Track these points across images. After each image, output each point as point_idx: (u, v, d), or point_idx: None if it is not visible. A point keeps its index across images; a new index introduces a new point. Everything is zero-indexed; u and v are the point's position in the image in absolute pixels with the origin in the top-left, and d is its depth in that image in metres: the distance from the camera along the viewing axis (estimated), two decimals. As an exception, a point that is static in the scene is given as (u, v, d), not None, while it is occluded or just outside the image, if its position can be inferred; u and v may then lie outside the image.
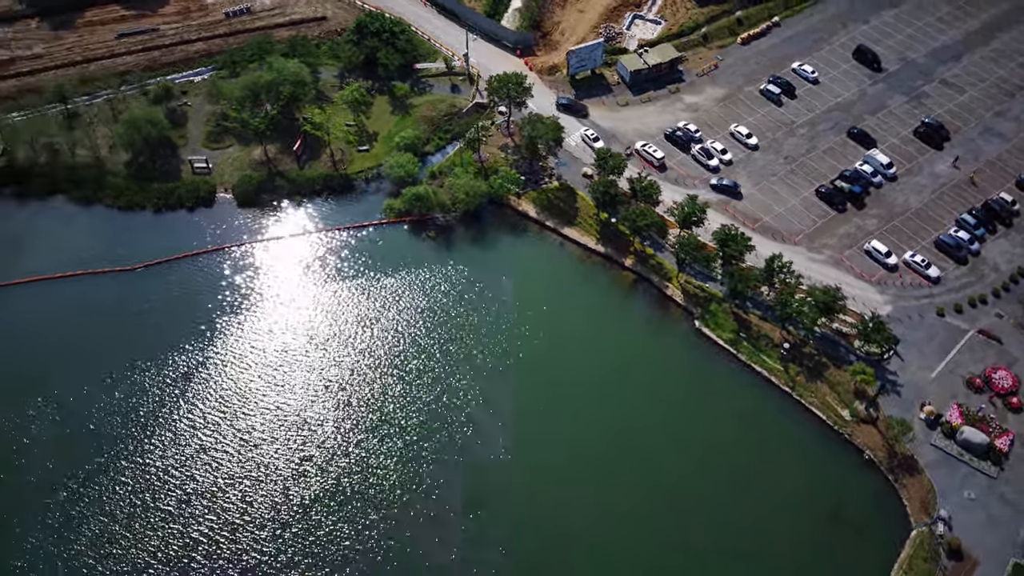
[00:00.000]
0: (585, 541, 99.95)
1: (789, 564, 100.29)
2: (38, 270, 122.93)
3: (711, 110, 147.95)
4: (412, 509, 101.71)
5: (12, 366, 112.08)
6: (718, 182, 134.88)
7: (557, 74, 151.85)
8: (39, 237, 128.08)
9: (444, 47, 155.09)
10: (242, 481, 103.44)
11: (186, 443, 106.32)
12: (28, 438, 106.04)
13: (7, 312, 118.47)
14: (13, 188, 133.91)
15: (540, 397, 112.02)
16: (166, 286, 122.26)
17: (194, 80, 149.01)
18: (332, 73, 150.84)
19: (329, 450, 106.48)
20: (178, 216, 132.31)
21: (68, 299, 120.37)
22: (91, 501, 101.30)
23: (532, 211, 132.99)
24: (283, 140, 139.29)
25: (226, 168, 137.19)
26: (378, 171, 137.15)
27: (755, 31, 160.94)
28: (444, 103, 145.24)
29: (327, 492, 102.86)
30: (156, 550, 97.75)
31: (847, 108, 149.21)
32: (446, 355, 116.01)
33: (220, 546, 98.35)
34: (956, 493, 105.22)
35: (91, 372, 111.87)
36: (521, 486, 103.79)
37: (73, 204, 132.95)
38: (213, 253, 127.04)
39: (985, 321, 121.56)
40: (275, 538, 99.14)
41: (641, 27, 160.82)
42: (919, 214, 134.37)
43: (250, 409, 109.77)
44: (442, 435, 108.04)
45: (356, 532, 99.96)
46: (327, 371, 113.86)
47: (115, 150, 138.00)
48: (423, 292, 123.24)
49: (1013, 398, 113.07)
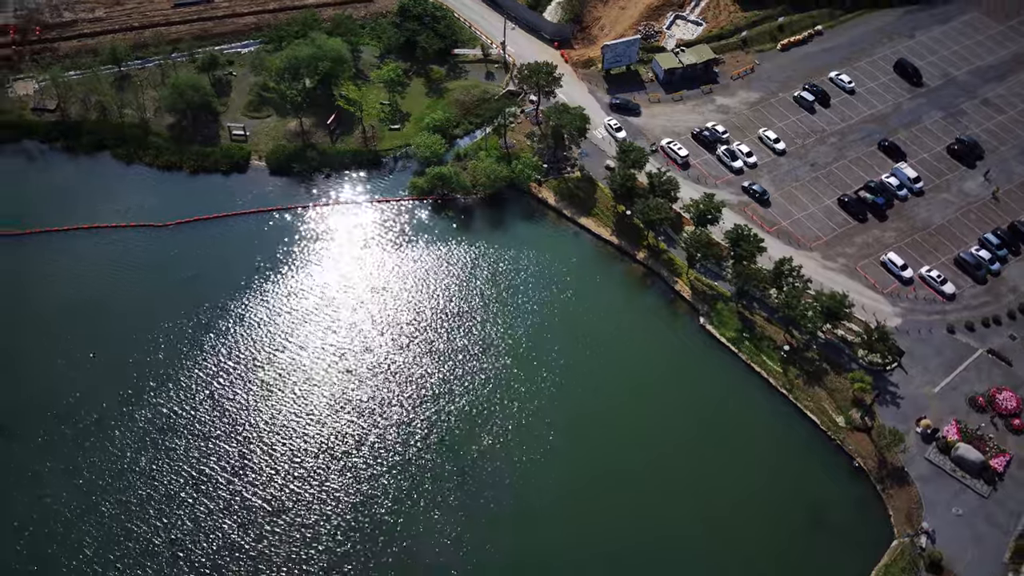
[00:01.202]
0: (562, 524, 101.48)
1: (768, 563, 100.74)
2: (78, 219, 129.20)
3: (742, 113, 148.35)
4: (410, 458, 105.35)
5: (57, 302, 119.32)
6: (749, 185, 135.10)
7: (592, 68, 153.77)
8: (82, 189, 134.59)
9: (483, 34, 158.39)
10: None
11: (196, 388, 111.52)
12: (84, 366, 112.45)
13: (52, 254, 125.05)
14: (63, 142, 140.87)
15: (531, 381, 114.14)
16: (195, 243, 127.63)
17: (241, 52, 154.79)
18: (374, 54, 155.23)
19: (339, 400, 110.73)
20: (212, 179, 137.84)
21: (103, 248, 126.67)
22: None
23: (551, 199, 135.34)
24: (319, 114, 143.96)
25: (262, 137, 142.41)
26: (406, 150, 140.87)
27: (796, 38, 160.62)
28: (477, 89, 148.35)
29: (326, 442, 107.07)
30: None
31: (881, 120, 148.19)
32: (448, 330, 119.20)
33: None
34: (944, 508, 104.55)
35: (122, 317, 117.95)
36: (500, 455, 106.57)
37: (116, 160, 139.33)
38: (241, 216, 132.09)
39: (997, 342, 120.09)
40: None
41: (681, 27, 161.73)
42: (942, 230, 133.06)
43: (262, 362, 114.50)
44: (441, 395, 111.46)
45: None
46: (337, 330, 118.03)
47: (160, 113, 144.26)
48: (434, 268, 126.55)
49: (1015, 420, 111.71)
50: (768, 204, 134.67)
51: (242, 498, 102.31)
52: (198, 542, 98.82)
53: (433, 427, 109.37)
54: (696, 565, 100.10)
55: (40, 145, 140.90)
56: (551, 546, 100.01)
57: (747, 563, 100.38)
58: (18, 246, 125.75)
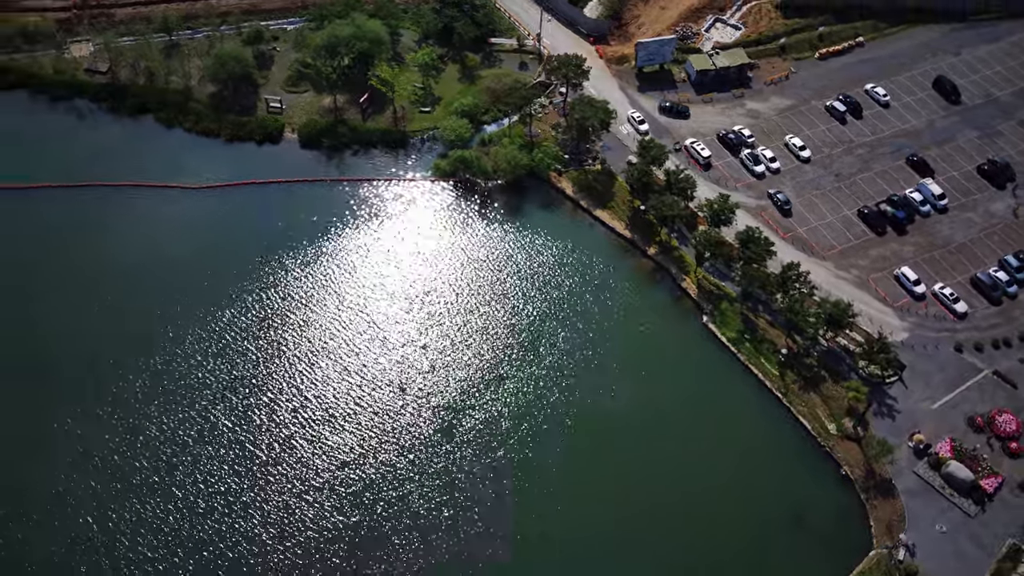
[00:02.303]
0: (551, 511, 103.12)
1: (744, 560, 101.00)
2: (112, 176, 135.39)
3: (771, 119, 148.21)
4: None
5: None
6: (774, 193, 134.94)
7: (625, 65, 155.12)
8: (123, 147, 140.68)
9: (521, 25, 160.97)
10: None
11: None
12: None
13: (82, 207, 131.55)
14: (110, 103, 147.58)
15: (525, 364, 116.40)
16: (224, 207, 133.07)
17: (287, 28, 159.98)
18: (413, 38, 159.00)
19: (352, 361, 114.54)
20: (245, 147, 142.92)
21: (136, 205, 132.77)
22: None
23: (569, 189, 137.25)
24: (353, 92, 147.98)
25: (297, 111, 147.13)
26: (434, 132, 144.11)
27: (836, 48, 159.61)
28: (509, 78, 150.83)
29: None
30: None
31: (913, 135, 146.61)
32: (448, 307, 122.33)
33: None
34: (928, 524, 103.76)
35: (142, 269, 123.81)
36: (492, 432, 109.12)
37: (157, 123, 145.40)
38: (269, 185, 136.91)
39: (1005, 364, 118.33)
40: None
41: (720, 31, 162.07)
42: (962, 249, 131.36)
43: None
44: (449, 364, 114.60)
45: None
46: (346, 298, 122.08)
47: (203, 82, 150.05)
48: (442, 246, 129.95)
49: (1013, 443, 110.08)
50: (789, 214, 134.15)
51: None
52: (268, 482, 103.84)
53: (431, 397, 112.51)
54: (674, 556, 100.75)
55: (89, 104, 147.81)
56: (527, 529, 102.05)
57: (724, 558, 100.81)
58: (60, 196, 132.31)
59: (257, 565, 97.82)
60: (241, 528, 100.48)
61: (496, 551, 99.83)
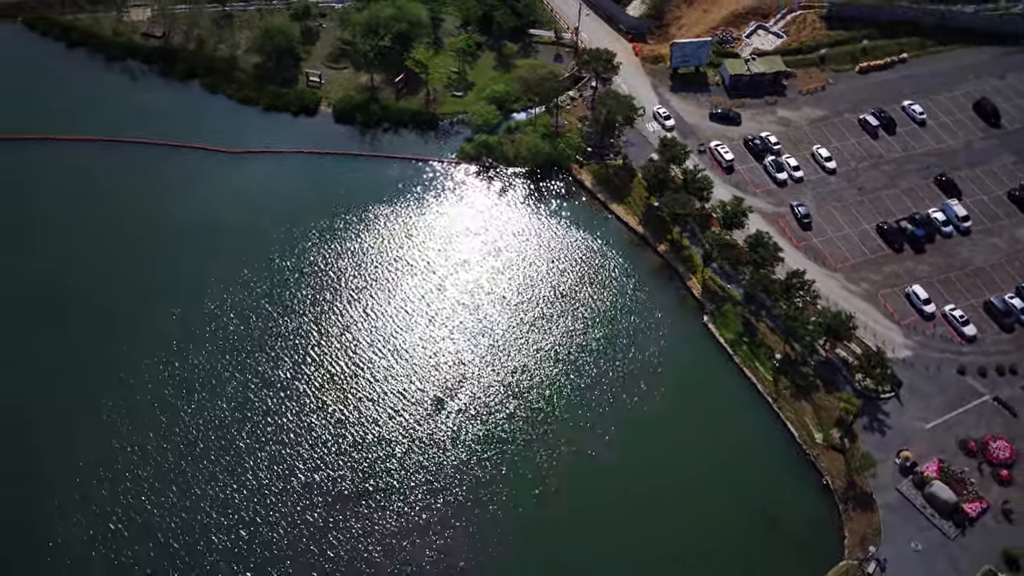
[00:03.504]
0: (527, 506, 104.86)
1: (713, 561, 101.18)
2: (157, 136, 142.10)
3: (801, 128, 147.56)
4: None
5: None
6: (796, 205, 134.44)
7: (660, 64, 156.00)
8: (168, 108, 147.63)
9: (562, 18, 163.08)
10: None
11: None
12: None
13: (127, 163, 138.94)
14: (161, 66, 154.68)
15: (517, 349, 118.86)
16: (258, 173, 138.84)
17: (335, 7, 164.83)
18: (455, 23, 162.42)
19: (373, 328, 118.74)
20: (281, 117, 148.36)
21: (175, 163, 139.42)
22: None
23: (588, 181, 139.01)
24: (391, 72, 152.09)
25: (335, 86, 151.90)
26: (462, 116, 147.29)
27: (877, 62, 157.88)
28: (544, 69, 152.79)
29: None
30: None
31: (946, 156, 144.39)
32: (448, 286, 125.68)
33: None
34: (904, 541, 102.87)
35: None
36: (478, 419, 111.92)
37: (203, 88, 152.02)
38: (298, 155, 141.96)
39: (1007, 391, 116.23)
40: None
41: (761, 37, 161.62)
42: (979, 273, 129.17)
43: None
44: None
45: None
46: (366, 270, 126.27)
47: (249, 52, 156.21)
48: (453, 225, 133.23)
49: (1004, 470, 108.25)
50: (809, 227, 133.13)
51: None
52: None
53: (426, 382, 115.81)
54: (644, 550, 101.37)
55: (141, 65, 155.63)
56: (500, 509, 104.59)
57: (695, 555, 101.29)
58: (107, 151, 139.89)
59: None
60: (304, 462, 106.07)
61: (466, 527, 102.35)
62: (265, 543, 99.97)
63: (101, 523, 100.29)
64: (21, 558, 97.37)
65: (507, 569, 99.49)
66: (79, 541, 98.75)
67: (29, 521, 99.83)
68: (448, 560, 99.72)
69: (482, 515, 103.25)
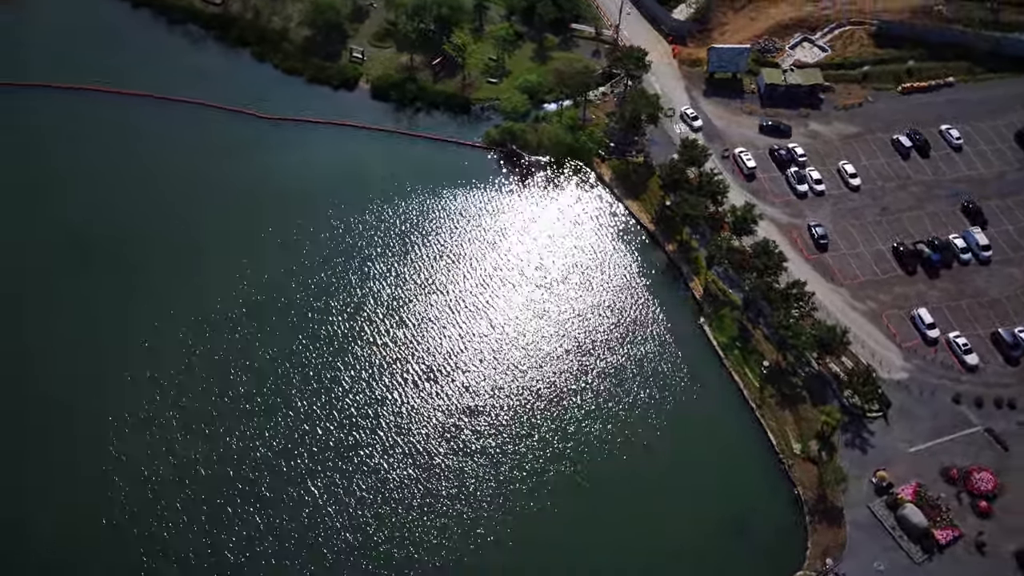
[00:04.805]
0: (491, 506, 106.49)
1: (676, 560, 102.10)
2: (203, 97, 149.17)
3: (831, 142, 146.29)
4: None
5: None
6: (813, 225, 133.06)
7: (697, 68, 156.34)
8: (218, 71, 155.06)
9: (605, 15, 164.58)
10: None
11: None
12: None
13: (173, 120, 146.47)
14: (217, 32, 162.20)
15: (509, 337, 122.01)
16: (290, 139, 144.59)
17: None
18: (500, 12, 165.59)
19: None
20: (322, 90, 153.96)
21: (216, 125, 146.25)
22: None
23: (607, 176, 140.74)
24: (431, 55, 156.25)
25: (376, 64, 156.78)
26: (494, 103, 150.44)
27: (921, 84, 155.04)
28: (580, 63, 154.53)
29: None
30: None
31: (977, 183, 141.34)
32: (447, 270, 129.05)
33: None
34: (867, 559, 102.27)
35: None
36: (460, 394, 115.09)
37: (252, 57, 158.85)
38: (331, 126, 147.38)
39: (1001, 425, 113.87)
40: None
41: (806, 50, 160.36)
42: (993, 303, 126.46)
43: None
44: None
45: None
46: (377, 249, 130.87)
47: (300, 25, 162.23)
48: (462, 207, 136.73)
49: (983, 502, 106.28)
50: (825, 249, 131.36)
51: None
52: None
53: (423, 361, 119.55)
54: (609, 547, 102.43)
55: (199, 30, 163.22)
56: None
57: (659, 552, 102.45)
58: (152, 106, 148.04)
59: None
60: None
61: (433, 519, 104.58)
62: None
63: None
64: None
65: (479, 568, 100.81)
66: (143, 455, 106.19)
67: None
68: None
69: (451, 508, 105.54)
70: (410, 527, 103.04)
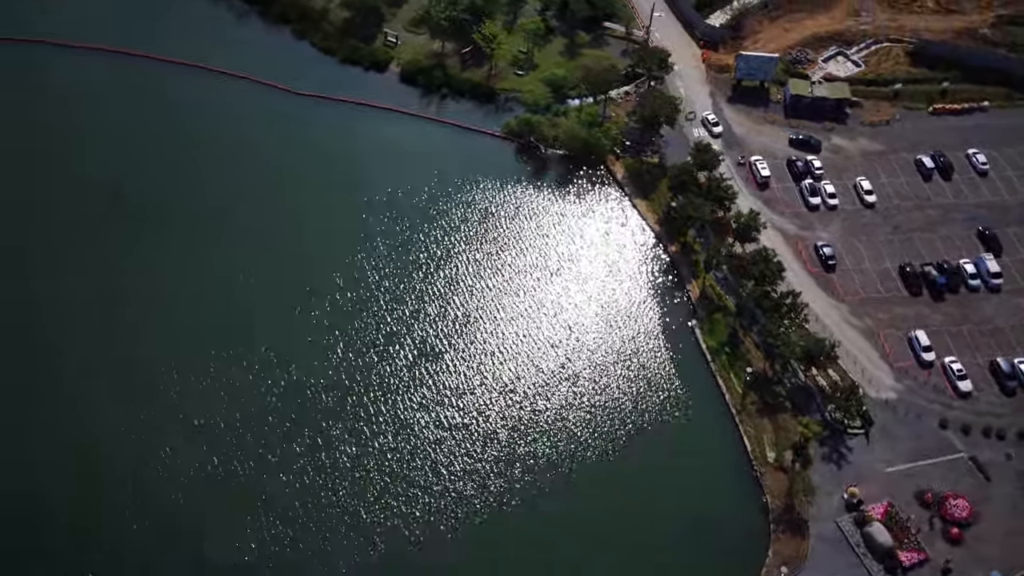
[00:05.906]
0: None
1: (634, 558, 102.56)
2: (239, 69, 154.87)
3: (852, 157, 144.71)
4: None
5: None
6: (822, 245, 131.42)
7: (725, 75, 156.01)
8: (256, 45, 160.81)
9: (638, 15, 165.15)
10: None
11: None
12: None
13: (210, 91, 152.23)
14: (261, 7, 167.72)
15: (504, 332, 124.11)
16: (320, 116, 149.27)
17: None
18: (536, 7, 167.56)
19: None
20: (353, 70, 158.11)
21: (250, 98, 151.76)
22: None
23: (620, 173, 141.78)
24: (462, 43, 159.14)
25: (407, 49, 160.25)
26: (517, 95, 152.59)
27: (953, 106, 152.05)
28: (608, 61, 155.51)
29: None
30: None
31: (999, 210, 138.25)
32: (446, 259, 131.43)
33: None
34: (828, 572, 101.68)
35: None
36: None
37: (290, 34, 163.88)
38: (356, 106, 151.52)
39: (987, 454, 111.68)
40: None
41: (839, 64, 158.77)
42: (995, 332, 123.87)
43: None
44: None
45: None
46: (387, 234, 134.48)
47: (341, 7, 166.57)
48: (472, 197, 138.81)
49: (955, 529, 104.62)
50: (832, 270, 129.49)
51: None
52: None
53: (421, 343, 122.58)
54: (568, 543, 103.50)
55: (243, 5, 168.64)
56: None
57: (618, 550, 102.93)
58: (189, 76, 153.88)
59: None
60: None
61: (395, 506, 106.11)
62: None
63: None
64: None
65: (452, 568, 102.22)
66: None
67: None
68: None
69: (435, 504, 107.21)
70: (385, 524, 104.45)
